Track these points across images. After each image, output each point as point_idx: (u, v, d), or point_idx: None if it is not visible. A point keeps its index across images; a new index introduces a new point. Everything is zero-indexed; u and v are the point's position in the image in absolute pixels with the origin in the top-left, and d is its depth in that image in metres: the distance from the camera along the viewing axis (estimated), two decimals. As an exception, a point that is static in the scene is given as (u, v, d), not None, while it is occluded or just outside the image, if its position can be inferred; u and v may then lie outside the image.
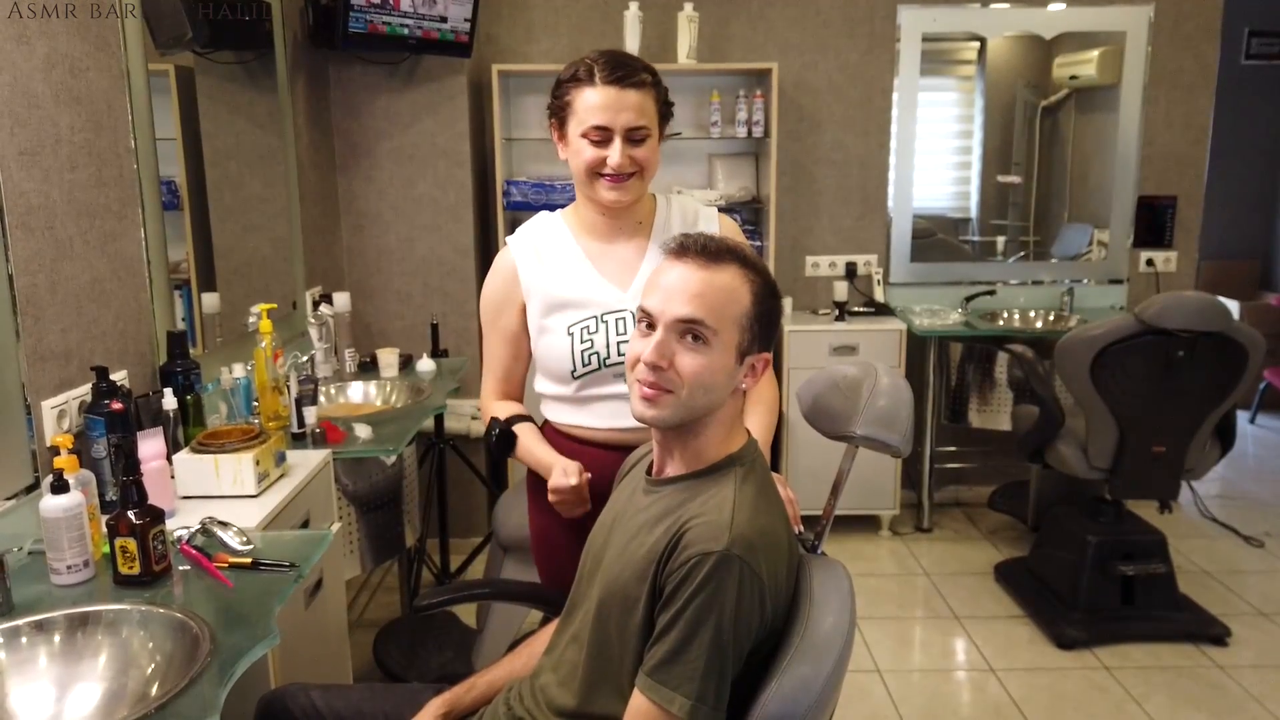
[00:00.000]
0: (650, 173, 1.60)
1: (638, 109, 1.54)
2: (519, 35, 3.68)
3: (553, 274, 1.66)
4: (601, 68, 1.54)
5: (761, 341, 1.25)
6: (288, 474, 2.00)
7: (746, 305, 1.22)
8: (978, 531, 3.91)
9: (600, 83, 1.54)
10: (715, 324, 1.21)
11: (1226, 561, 3.60)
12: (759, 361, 1.25)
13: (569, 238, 1.69)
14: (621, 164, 1.54)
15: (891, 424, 1.24)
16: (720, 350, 1.22)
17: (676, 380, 1.22)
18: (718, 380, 1.22)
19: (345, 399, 2.83)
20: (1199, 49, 3.84)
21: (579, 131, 1.56)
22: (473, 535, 3.67)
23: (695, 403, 1.23)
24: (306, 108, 3.12)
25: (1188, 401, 2.85)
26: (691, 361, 1.21)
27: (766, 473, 1.27)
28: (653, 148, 1.58)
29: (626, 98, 1.53)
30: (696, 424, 1.25)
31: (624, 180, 1.57)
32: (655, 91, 1.58)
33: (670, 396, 1.23)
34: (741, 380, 1.25)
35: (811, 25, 3.73)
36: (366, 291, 3.49)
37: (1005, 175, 4.29)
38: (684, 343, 1.22)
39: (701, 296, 1.21)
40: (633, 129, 1.54)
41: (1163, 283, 4.01)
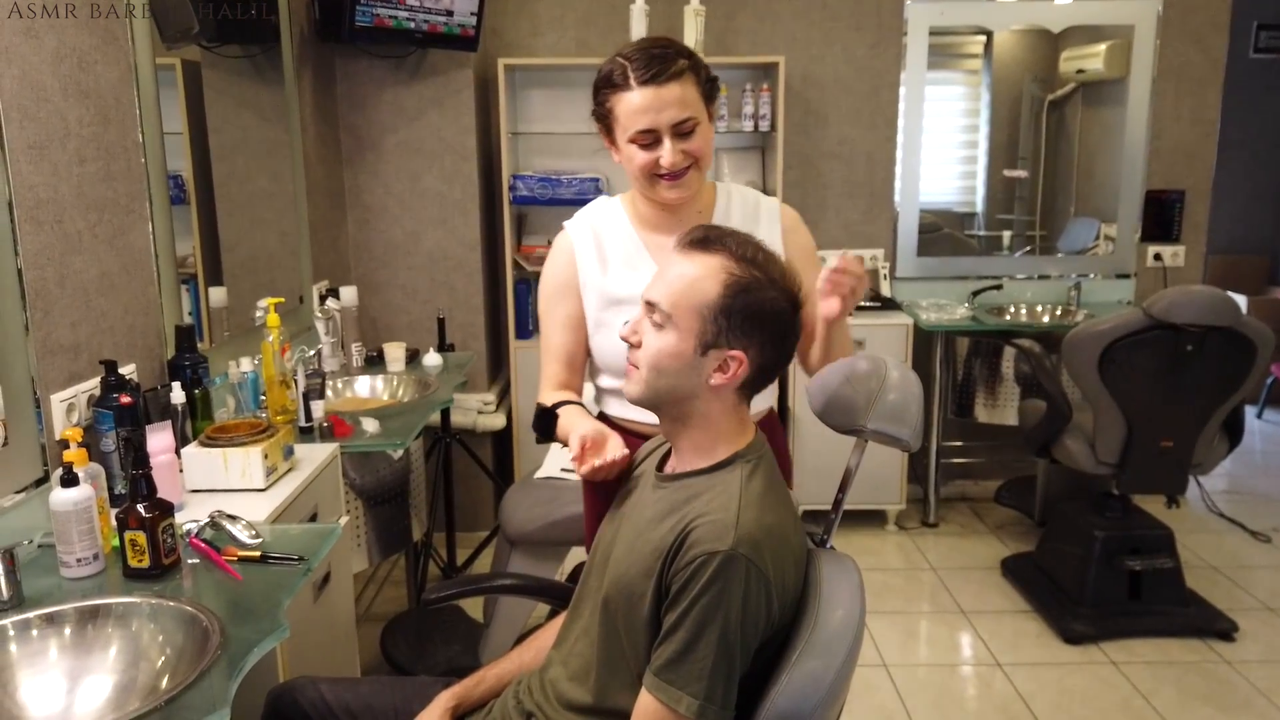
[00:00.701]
0: (706, 161, 1.55)
1: (679, 102, 1.48)
2: (525, 29, 3.67)
3: (611, 268, 1.63)
4: (635, 68, 1.48)
5: (733, 337, 1.21)
6: (295, 468, 2.00)
7: (711, 297, 1.20)
8: (984, 526, 3.91)
9: (636, 85, 1.48)
10: (669, 309, 1.22)
11: (1234, 556, 3.59)
12: (731, 359, 1.22)
13: (629, 228, 1.65)
14: (675, 162, 1.50)
15: (901, 418, 1.23)
16: (676, 336, 1.22)
17: (641, 358, 1.26)
18: (672, 365, 1.22)
19: (352, 393, 2.84)
20: (1207, 42, 3.82)
21: (626, 138, 1.52)
22: (479, 529, 3.67)
23: (655, 384, 1.25)
24: (313, 101, 3.12)
25: (1195, 396, 2.85)
26: (649, 342, 1.24)
27: (773, 468, 1.27)
28: (704, 135, 1.53)
29: (666, 94, 1.47)
30: (680, 414, 1.26)
31: (682, 176, 1.53)
32: (695, 75, 1.51)
33: (637, 373, 1.26)
34: (710, 374, 1.22)
35: (818, 18, 3.72)
36: (373, 286, 3.50)
37: (1012, 169, 4.28)
38: (651, 324, 1.25)
39: (665, 282, 1.25)
40: (678, 124, 1.49)
41: (1170, 277, 4.00)
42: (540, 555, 2.55)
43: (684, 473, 1.27)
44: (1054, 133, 4.20)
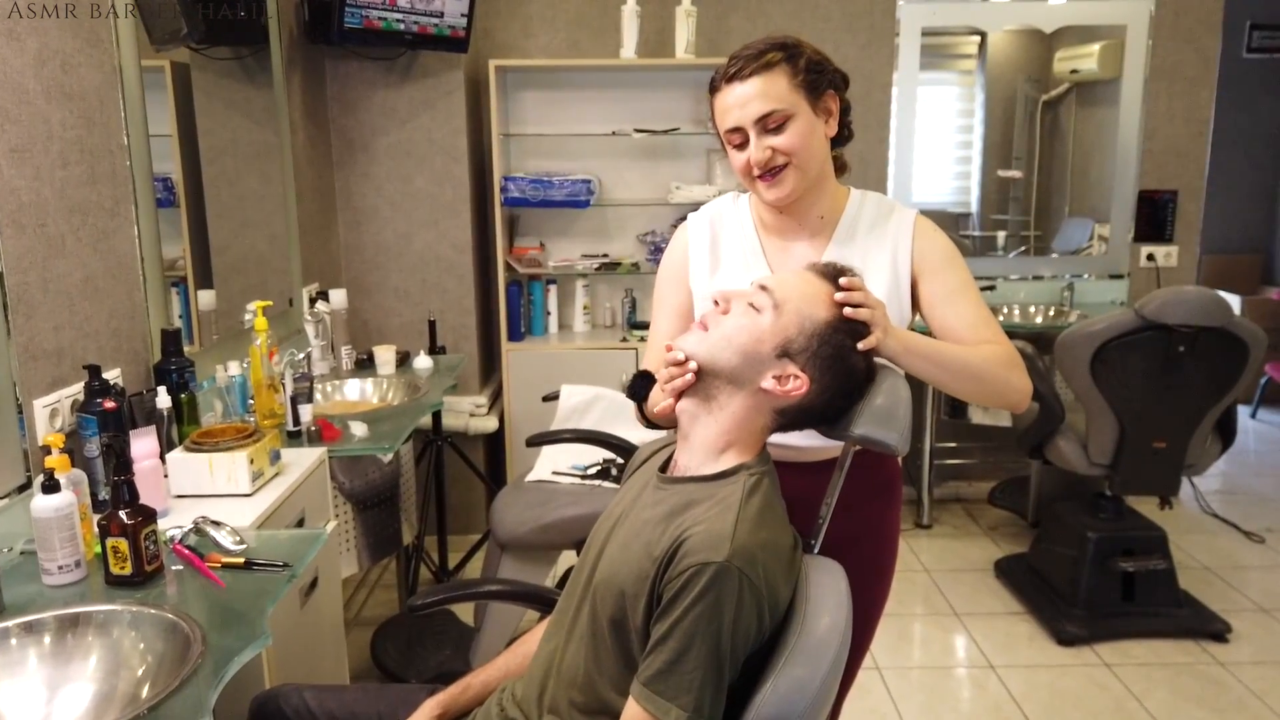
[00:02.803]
0: (805, 158, 1.43)
1: (762, 96, 1.40)
2: (516, 30, 3.66)
3: (723, 268, 1.58)
4: (726, 68, 1.44)
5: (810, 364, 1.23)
6: (282, 472, 1.98)
7: (820, 316, 1.24)
8: (978, 527, 3.90)
9: (723, 84, 1.44)
10: (782, 300, 1.24)
11: (1227, 557, 3.59)
12: (795, 378, 1.22)
13: (750, 229, 1.58)
14: (761, 158, 1.42)
15: (889, 422, 1.22)
16: (770, 324, 1.23)
17: (719, 323, 1.26)
18: (746, 345, 1.23)
19: (342, 396, 2.82)
20: (1200, 42, 3.82)
21: (724, 140, 1.48)
22: (471, 532, 3.66)
23: (717, 351, 1.24)
24: (303, 103, 3.11)
25: (1188, 397, 2.84)
26: (737, 315, 1.25)
27: (776, 485, 1.26)
28: (800, 131, 1.41)
29: (748, 89, 1.40)
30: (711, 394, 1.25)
31: (777, 174, 1.44)
32: (788, 67, 1.41)
33: (705, 334, 1.26)
34: (768, 376, 1.23)
35: (810, 19, 3.71)
36: (363, 288, 3.48)
37: (1006, 170, 4.28)
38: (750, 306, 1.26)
39: (789, 279, 1.28)
40: (762, 118, 1.41)
41: (1164, 277, 3.99)
42: (531, 559, 2.53)
43: (687, 477, 1.26)
44: (1048, 133, 4.20)
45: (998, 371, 1.43)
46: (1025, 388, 1.45)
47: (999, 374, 1.43)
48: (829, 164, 1.51)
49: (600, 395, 3.04)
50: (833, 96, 1.46)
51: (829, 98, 1.45)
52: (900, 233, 1.51)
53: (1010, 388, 1.44)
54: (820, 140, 1.45)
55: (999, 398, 1.45)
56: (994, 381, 1.42)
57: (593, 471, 2.74)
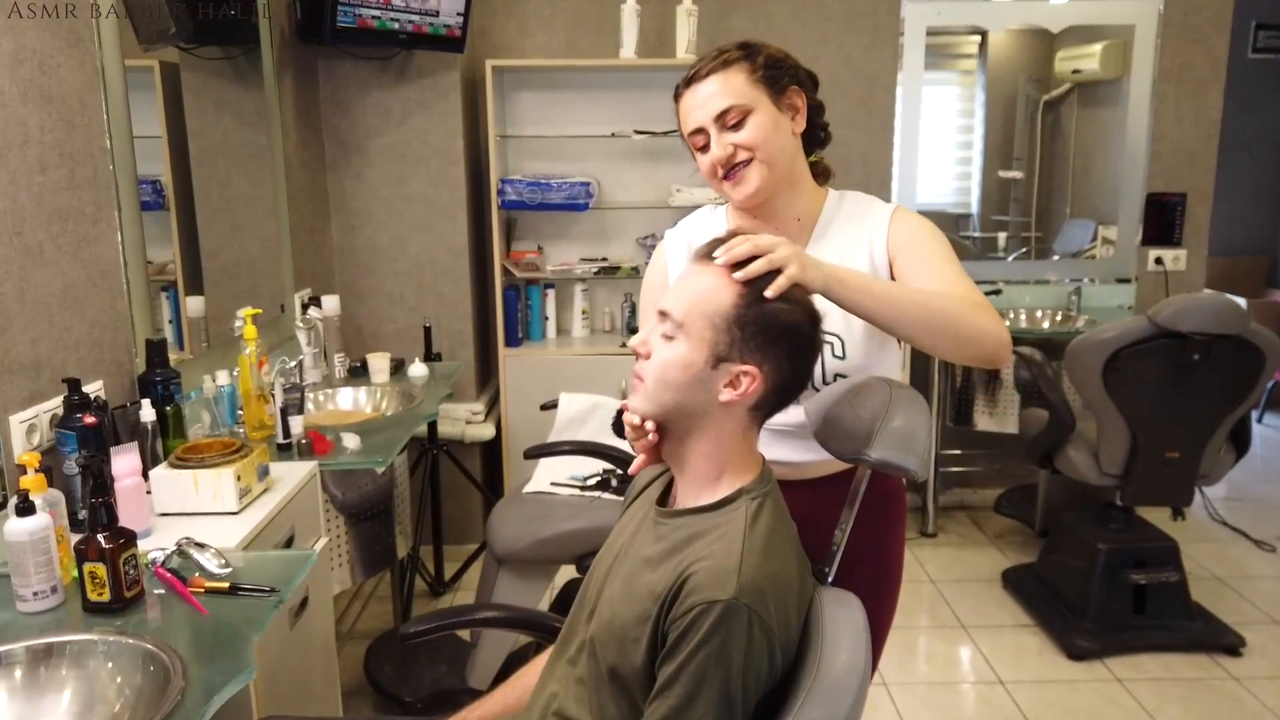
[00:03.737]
0: (769, 152, 1.38)
1: (720, 92, 1.37)
2: (513, 29, 3.59)
3: None
4: (687, 72, 1.42)
5: (747, 351, 1.13)
6: (271, 488, 1.91)
7: (724, 305, 1.13)
8: (984, 536, 3.84)
9: (684, 88, 1.42)
10: (681, 317, 1.15)
11: (1238, 566, 3.52)
12: (744, 374, 1.13)
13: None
14: (723, 155, 1.38)
15: (907, 445, 1.15)
16: (686, 347, 1.14)
17: (648, 370, 1.18)
18: (680, 378, 1.14)
19: (334, 406, 2.75)
20: (1209, 42, 3.75)
21: (689, 144, 1.44)
22: (468, 542, 3.58)
23: (661, 398, 1.16)
24: (295, 104, 3.03)
25: (1202, 406, 2.78)
26: (657, 353, 1.17)
27: (779, 503, 1.19)
28: (761, 124, 1.37)
29: (705, 88, 1.38)
30: (685, 432, 1.18)
31: (738, 171, 1.39)
32: (746, 63, 1.38)
33: (642, 386, 1.18)
34: (720, 389, 1.14)
35: (813, 19, 3.64)
36: (357, 293, 3.41)
37: (1007, 170, 4.22)
38: (662, 336, 1.17)
39: (679, 289, 1.18)
40: (721, 114, 1.37)
41: (1172, 281, 3.93)
42: (529, 574, 2.47)
43: (685, 509, 1.19)
44: (1049, 133, 4.15)
45: (960, 310, 1.28)
46: (1000, 333, 1.29)
47: (962, 313, 1.27)
48: (801, 164, 1.46)
49: (600, 404, 2.97)
50: (797, 92, 1.41)
51: (793, 93, 1.41)
52: (876, 227, 1.46)
53: (981, 330, 1.27)
54: (785, 135, 1.40)
55: (969, 343, 1.28)
56: (956, 322, 1.27)
57: (592, 482, 2.67)
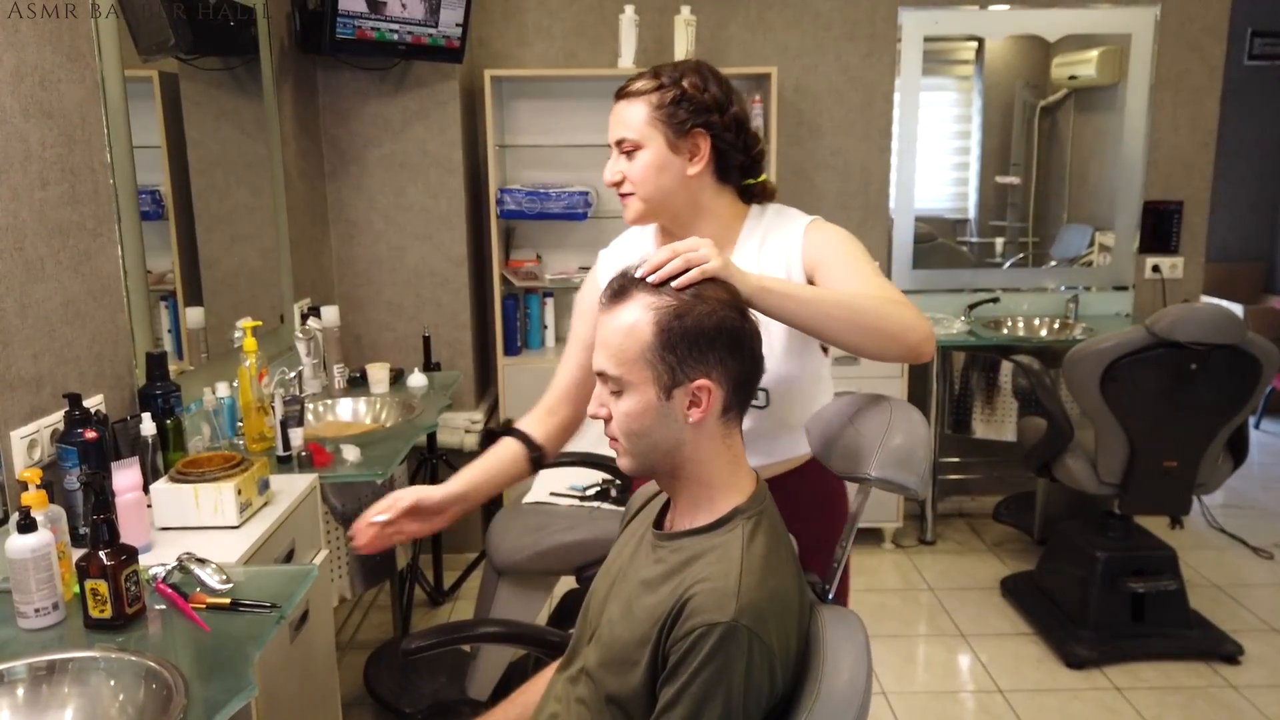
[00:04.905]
0: (646, 192, 1.44)
1: (621, 121, 1.44)
2: (511, 39, 3.59)
3: None
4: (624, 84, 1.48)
5: (689, 368, 1.11)
6: (271, 502, 1.91)
7: (648, 338, 1.12)
8: (982, 544, 3.84)
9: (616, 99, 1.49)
10: (618, 370, 1.14)
11: (1235, 574, 3.53)
12: (700, 389, 1.12)
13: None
14: (609, 178, 1.47)
15: (907, 464, 1.15)
16: (636, 394, 1.14)
17: (616, 430, 1.18)
18: (644, 423, 1.14)
19: (334, 417, 2.75)
20: (1206, 50, 3.77)
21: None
22: (467, 551, 3.58)
23: (639, 448, 1.17)
24: (294, 115, 3.04)
25: (1200, 415, 2.78)
26: (616, 412, 1.16)
27: (776, 521, 1.19)
28: (645, 164, 1.42)
29: (619, 109, 1.46)
30: (673, 466, 1.18)
31: (625, 197, 1.48)
32: (653, 98, 1.42)
33: (620, 445, 1.19)
34: (685, 413, 1.14)
35: (811, 28, 3.65)
36: (356, 303, 3.41)
37: (1004, 176, 4.23)
38: (611, 395, 1.17)
39: (604, 344, 1.16)
40: (618, 141, 1.45)
41: (1169, 289, 3.94)
42: (528, 585, 2.46)
43: (682, 532, 1.19)
44: (1046, 139, 4.16)
45: (882, 308, 1.29)
46: (922, 326, 1.29)
47: (884, 310, 1.29)
48: (707, 197, 1.48)
49: (599, 413, 2.97)
50: (701, 134, 1.42)
51: (696, 134, 1.42)
52: (791, 242, 1.47)
53: (904, 325, 1.28)
54: (671, 176, 1.43)
55: (894, 339, 1.29)
56: (880, 319, 1.28)
57: (591, 492, 2.67)
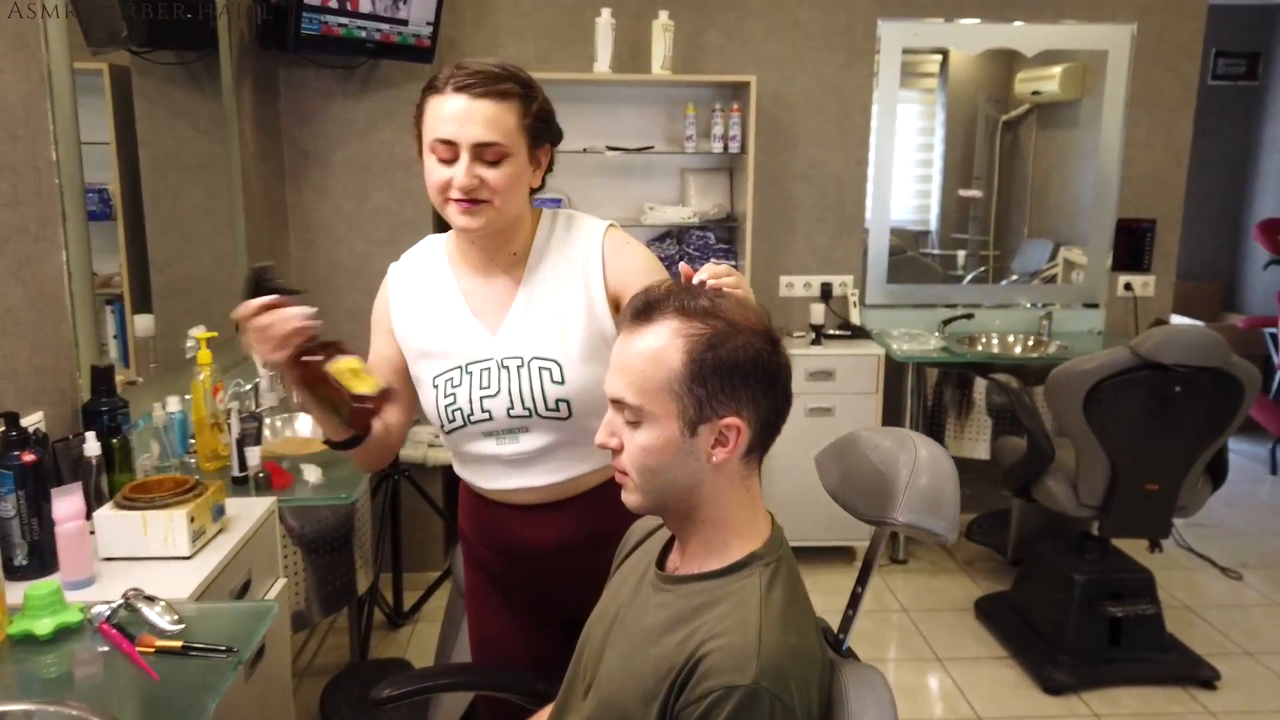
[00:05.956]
0: (507, 201, 1.36)
1: (489, 122, 1.31)
2: (483, 40, 3.48)
3: (422, 314, 1.48)
4: (455, 75, 1.33)
5: (719, 403, 1.02)
6: (227, 528, 1.78)
7: (676, 368, 1.02)
8: (954, 563, 3.79)
9: (450, 91, 1.32)
10: (638, 399, 1.03)
11: (1206, 595, 3.52)
12: (728, 428, 1.03)
13: (446, 270, 1.49)
14: (467, 184, 1.32)
15: (936, 507, 1.07)
16: (656, 427, 1.03)
17: (627, 463, 1.07)
18: (663, 460, 1.04)
19: (293, 432, 2.61)
20: (1180, 69, 3.77)
21: (427, 146, 1.36)
22: (428, 570, 3.45)
23: (653, 486, 1.06)
24: (253, 113, 2.89)
25: (1182, 438, 2.75)
26: (630, 443, 1.06)
27: (795, 569, 1.09)
28: (512, 172, 1.35)
29: (478, 109, 1.31)
30: (687, 508, 1.08)
31: (475, 206, 1.34)
32: (522, 105, 1.35)
33: (629, 480, 1.08)
34: (708, 452, 1.04)
35: (790, 37, 3.58)
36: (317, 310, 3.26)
37: (966, 189, 4.22)
38: (626, 423, 1.07)
39: (621, 370, 1.06)
40: (482, 145, 1.32)
41: (1140, 307, 3.93)
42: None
43: (691, 575, 1.08)
44: (1008, 153, 4.15)
45: None
46: None
47: None
48: (527, 208, 1.47)
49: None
50: (546, 151, 1.43)
51: (544, 151, 1.42)
52: (590, 249, 1.45)
53: None
54: (524, 188, 1.41)
55: None
56: None
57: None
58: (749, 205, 3.42)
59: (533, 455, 1.45)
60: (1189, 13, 3.71)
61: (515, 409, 1.42)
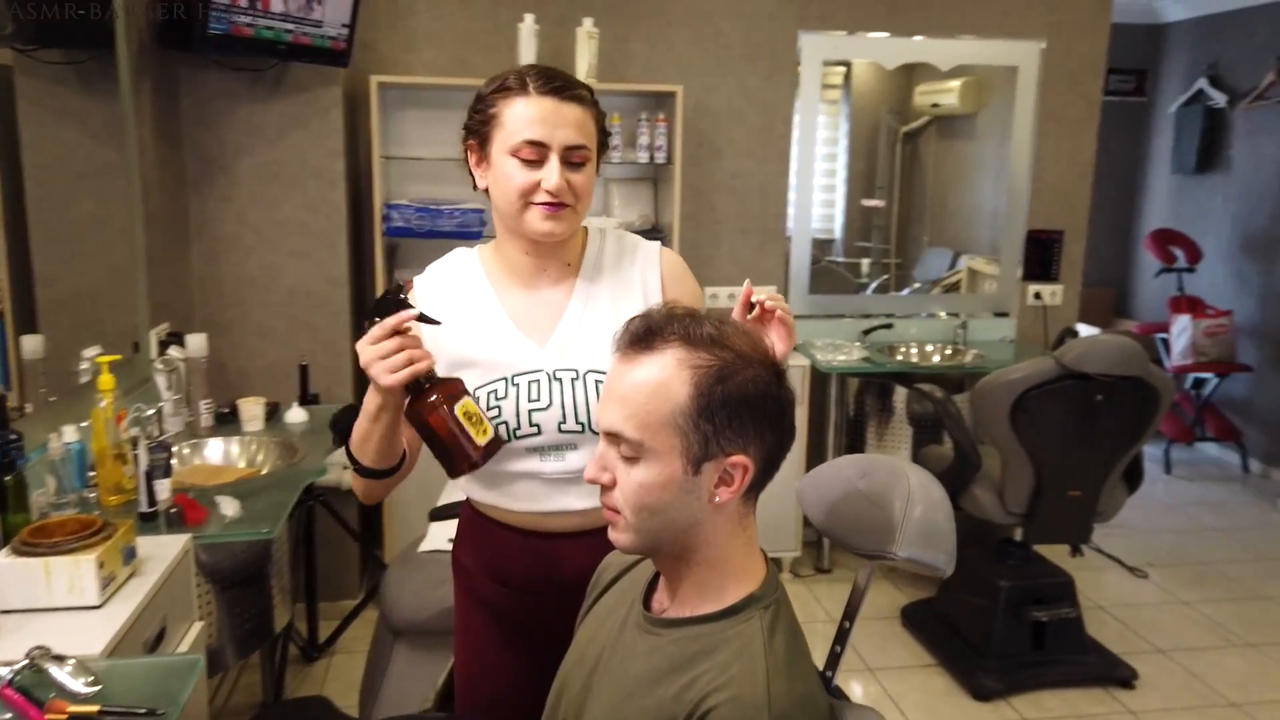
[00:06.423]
0: (585, 206, 1.38)
1: (578, 125, 1.32)
2: (398, 44, 3.34)
3: (459, 324, 1.40)
4: (535, 77, 1.31)
5: (726, 440, 0.97)
6: (139, 572, 1.63)
7: (682, 401, 0.96)
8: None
9: (535, 93, 1.30)
10: (639, 434, 0.97)
11: (1117, 595, 3.62)
12: (734, 466, 0.98)
13: (483, 281, 1.43)
14: (560, 185, 1.30)
15: (932, 539, 1.03)
16: (657, 464, 0.97)
17: (620, 501, 1.00)
18: (664, 498, 0.98)
19: (202, 460, 2.44)
20: (1085, 86, 3.89)
21: (507, 149, 1.31)
22: (343, 599, 3.29)
23: (648, 526, 1.00)
24: (153, 117, 2.70)
25: (1103, 445, 2.82)
26: (625, 480, 1.00)
27: (791, 609, 1.04)
28: (591, 176, 1.36)
29: (567, 111, 1.31)
30: (683, 549, 1.01)
31: (560, 209, 1.32)
32: (595, 112, 1.37)
33: (621, 518, 1.01)
34: (713, 492, 0.98)
35: (712, 47, 3.55)
36: (221, 326, 3.07)
37: (869, 198, 4.29)
38: (621, 457, 1.00)
39: (620, 401, 0.99)
40: (571, 148, 1.31)
41: (1049, 316, 4.04)
42: (431, 646, 2.23)
43: (686, 619, 1.02)
44: (909, 163, 4.24)
45: None
46: None
47: None
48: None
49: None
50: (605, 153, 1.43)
51: (601, 159, 1.42)
52: (648, 267, 1.46)
53: None
54: (592, 194, 1.41)
55: None
56: None
57: (495, 537, 2.46)
58: (675, 216, 3.37)
59: (578, 474, 1.35)
60: (1092, 31, 3.84)
61: (567, 423, 1.35)
